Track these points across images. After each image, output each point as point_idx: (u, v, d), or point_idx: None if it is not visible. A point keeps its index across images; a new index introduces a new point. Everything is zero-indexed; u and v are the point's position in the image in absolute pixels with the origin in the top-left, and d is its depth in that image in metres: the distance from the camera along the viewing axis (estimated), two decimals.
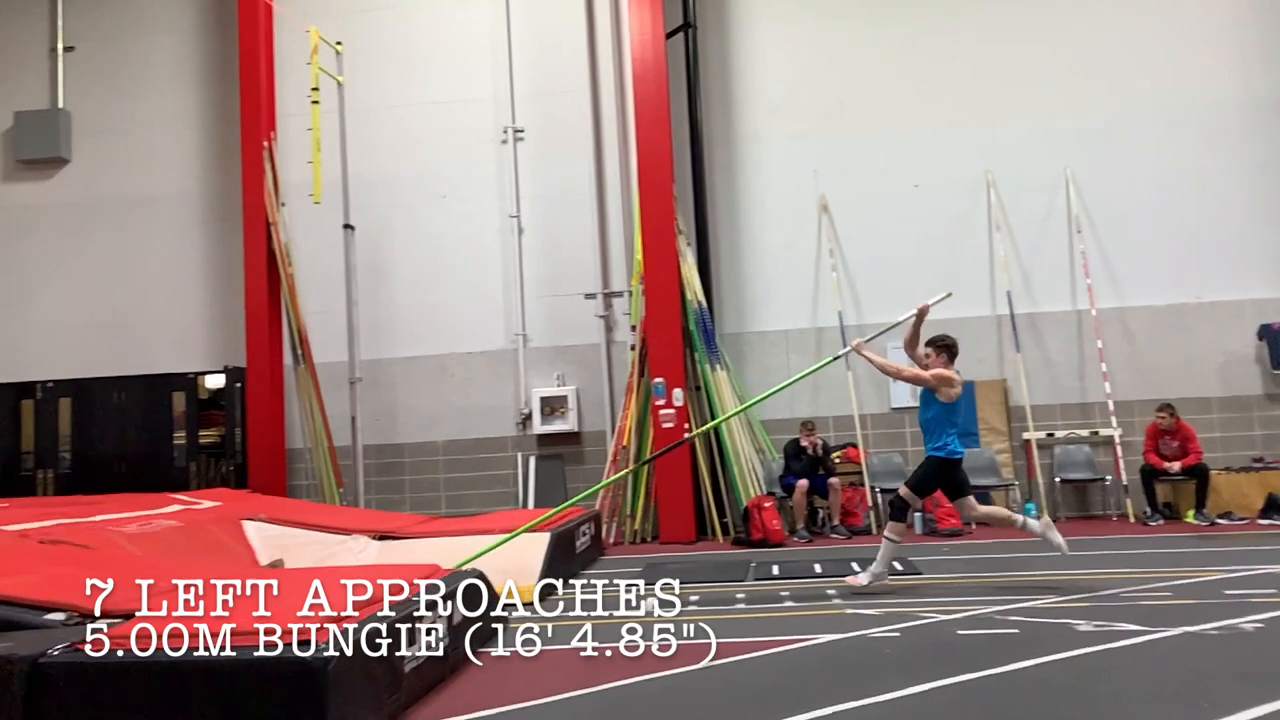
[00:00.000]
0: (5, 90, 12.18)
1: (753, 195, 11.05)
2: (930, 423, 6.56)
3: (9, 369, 11.85)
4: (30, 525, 6.07)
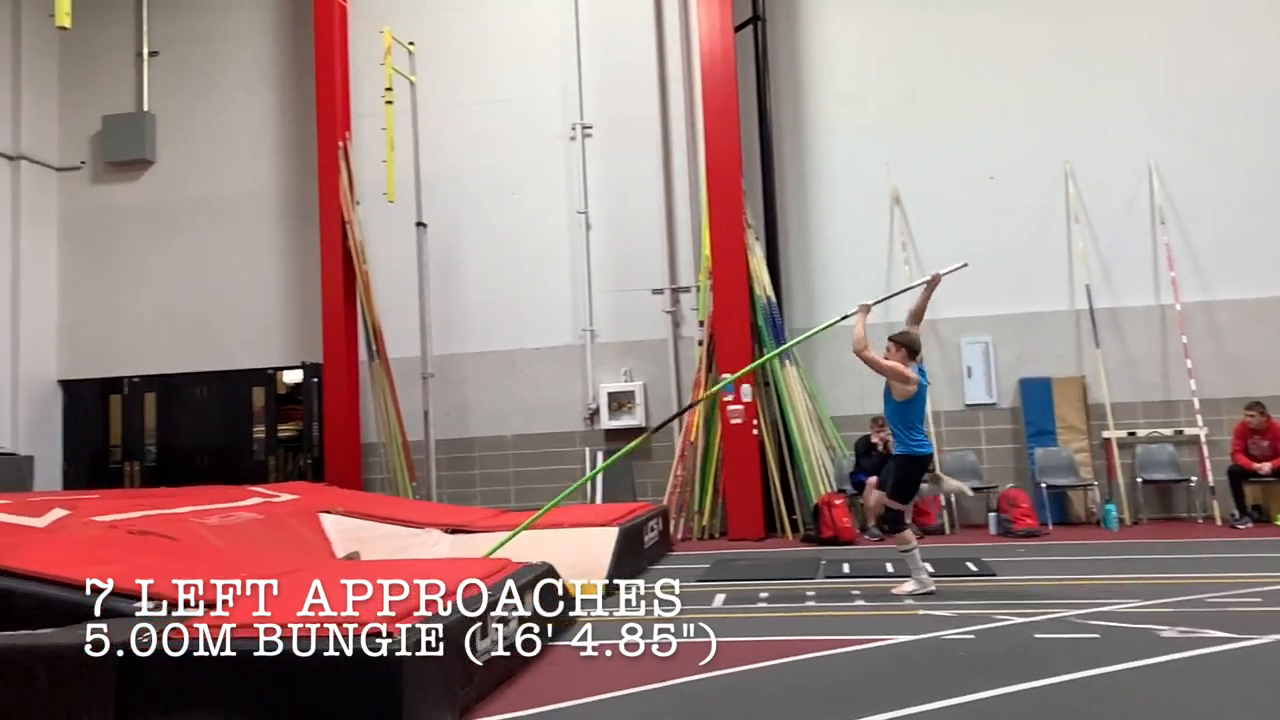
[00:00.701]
0: (94, 95, 12.63)
1: (823, 188, 10.92)
2: (889, 418, 6.48)
3: (98, 365, 12.31)
4: (119, 516, 6.29)
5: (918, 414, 6.41)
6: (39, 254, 12.26)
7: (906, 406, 6.33)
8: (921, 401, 6.40)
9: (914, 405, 6.35)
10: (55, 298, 12.47)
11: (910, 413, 6.36)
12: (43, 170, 12.43)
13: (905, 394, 6.29)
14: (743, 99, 10.53)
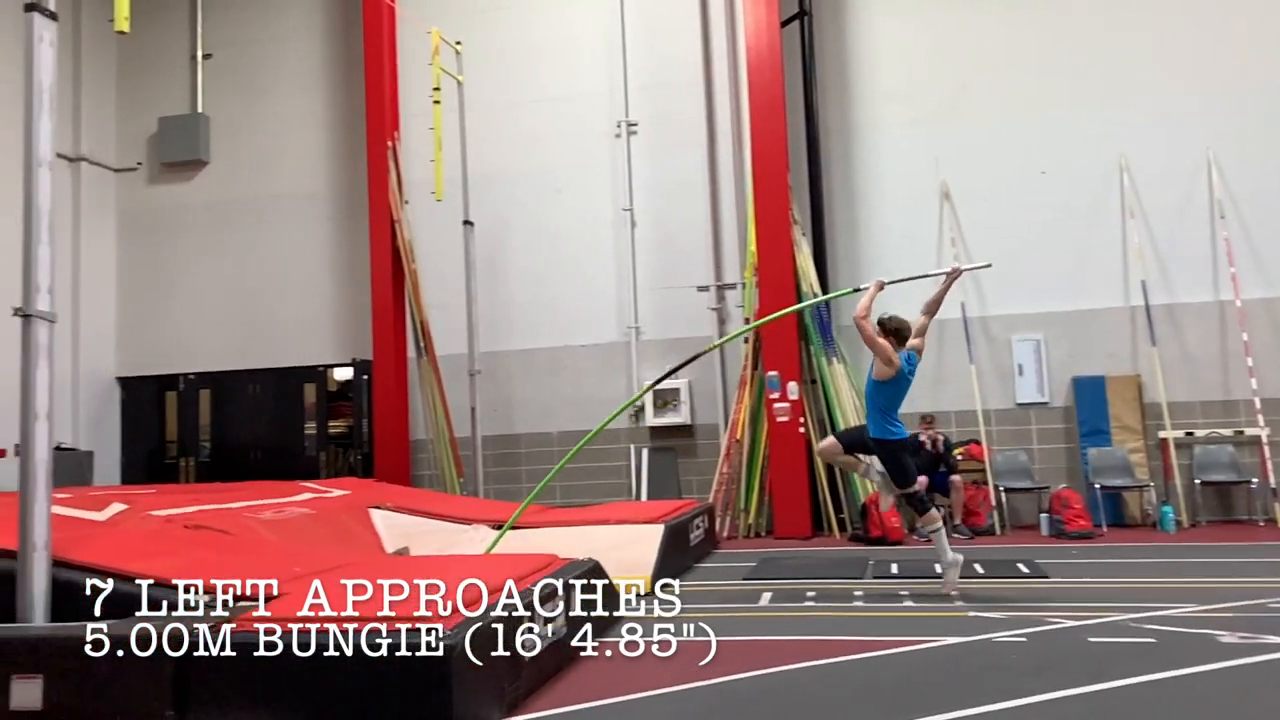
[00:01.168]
0: (150, 97, 12.90)
1: (870, 184, 10.82)
2: (866, 394, 6.50)
3: (154, 363, 12.58)
4: (175, 511, 6.42)
5: (893, 399, 6.38)
6: (98, 254, 12.56)
7: (884, 388, 6.33)
8: (900, 388, 6.39)
9: (891, 389, 6.34)
10: (113, 297, 12.77)
11: (885, 396, 6.36)
12: (101, 171, 12.72)
13: (884, 374, 6.28)
14: (789, 95, 10.47)
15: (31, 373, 4.42)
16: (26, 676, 3.66)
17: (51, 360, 4.52)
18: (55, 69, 4.72)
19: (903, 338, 6.34)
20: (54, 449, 4.52)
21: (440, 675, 3.69)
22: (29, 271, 4.51)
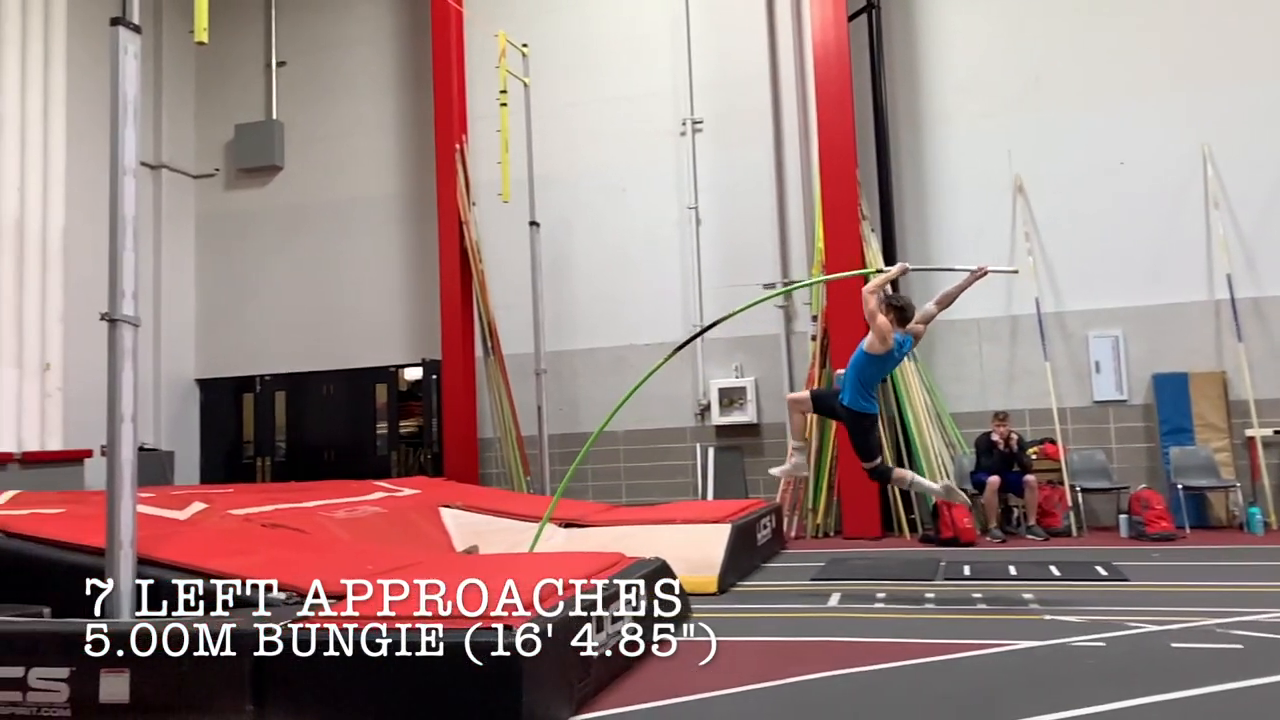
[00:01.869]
0: (227, 105, 13.26)
1: (941, 178, 10.63)
2: (850, 364, 6.46)
3: (232, 365, 12.92)
4: (252, 510, 6.59)
5: (876, 374, 6.44)
6: (178, 258, 12.95)
7: (871, 361, 6.32)
8: (885, 366, 6.46)
9: (877, 364, 6.36)
10: (192, 300, 13.15)
11: (870, 370, 6.37)
12: (181, 178, 13.11)
13: (874, 348, 6.27)
14: (857, 89, 10.33)
15: (117, 376, 4.56)
16: (115, 670, 3.78)
17: (136, 363, 4.65)
18: (139, 80, 4.86)
19: (904, 319, 6.32)
20: (138, 450, 4.65)
21: (510, 673, 3.72)
22: (115, 277, 4.64)
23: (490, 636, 3.78)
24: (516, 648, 3.74)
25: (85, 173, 11.00)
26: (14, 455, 9.90)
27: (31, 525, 5.16)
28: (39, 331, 10.36)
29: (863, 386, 6.38)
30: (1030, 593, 6.37)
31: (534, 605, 4.17)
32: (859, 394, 6.37)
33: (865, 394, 6.39)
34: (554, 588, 4.50)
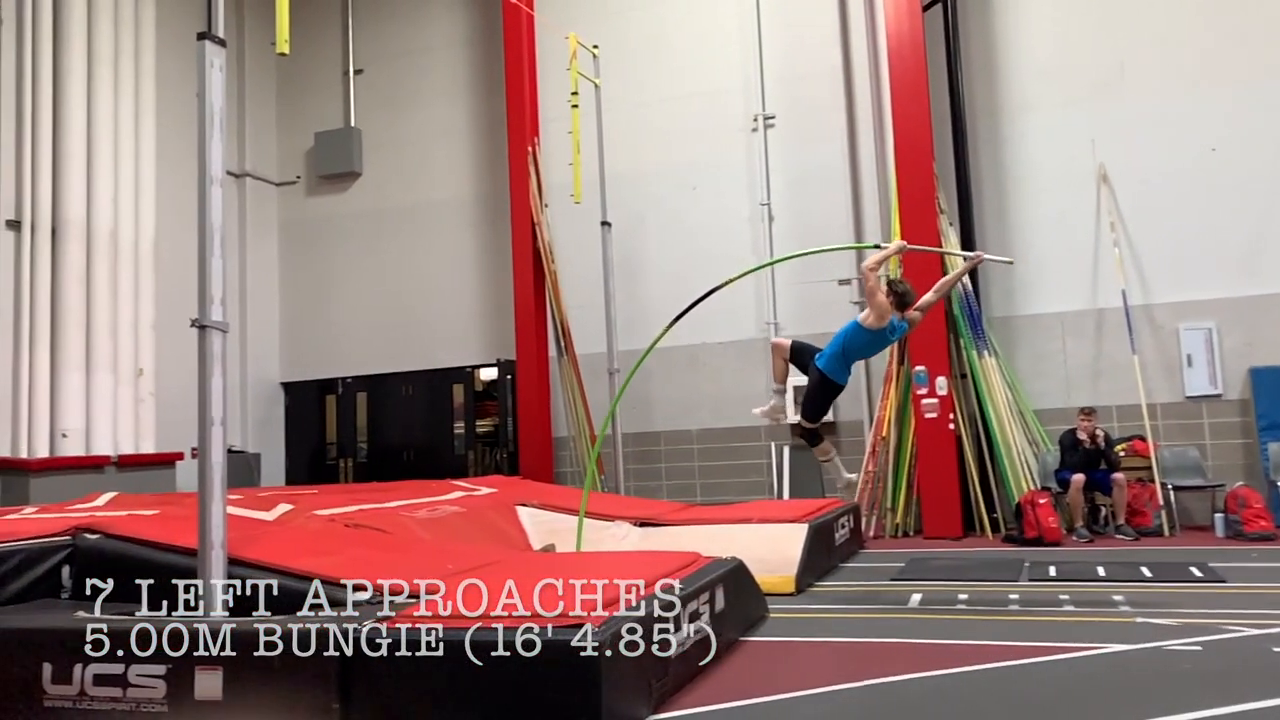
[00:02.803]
0: (307, 113, 13.59)
1: (1021, 169, 10.37)
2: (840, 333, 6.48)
3: (315, 367, 13.25)
4: (336, 510, 6.73)
5: (862, 349, 6.51)
6: (262, 265, 13.33)
7: (860, 333, 6.35)
8: (875, 344, 6.49)
9: (866, 338, 6.38)
10: (276, 305, 13.52)
11: (858, 342, 6.42)
12: (264, 186, 13.49)
13: (868, 321, 6.31)
14: (933, 79, 10.15)
15: (207, 381, 4.68)
16: (208, 668, 3.89)
17: (225, 368, 4.78)
18: (224, 92, 5.00)
19: (903, 303, 6.34)
20: (227, 452, 4.78)
21: (590, 672, 3.74)
22: (204, 284, 4.77)
23: (570, 636, 3.80)
24: (596, 647, 3.76)
25: (173, 183, 11.39)
26: (111, 458, 10.29)
27: (129, 526, 5.35)
28: (132, 337, 10.75)
29: (844, 356, 6.44)
30: (1120, 594, 6.18)
31: (613, 604, 4.19)
32: (836, 362, 6.44)
33: (843, 364, 6.47)
34: (632, 587, 4.51)
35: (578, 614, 3.93)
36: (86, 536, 5.21)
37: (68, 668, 4.06)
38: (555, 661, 3.78)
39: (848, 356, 6.47)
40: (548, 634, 3.84)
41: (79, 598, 5.00)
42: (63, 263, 10.13)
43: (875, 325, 6.28)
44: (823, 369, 6.46)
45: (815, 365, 6.51)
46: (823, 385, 6.52)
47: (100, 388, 10.31)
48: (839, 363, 6.46)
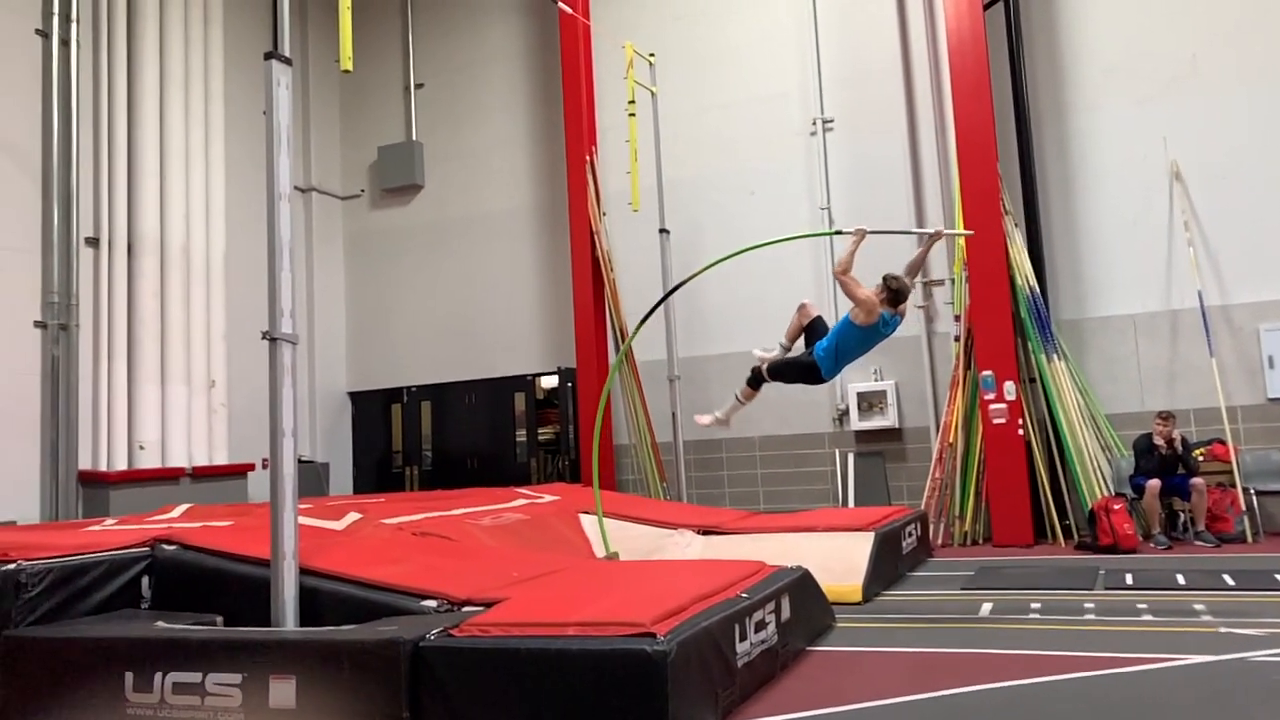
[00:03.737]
0: (371, 128, 13.83)
1: (1089, 168, 10.12)
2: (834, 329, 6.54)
3: (381, 377, 13.45)
4: (404, 519, 6.82)
5: (857, 346, 6.47)
6: (328, 277, 13.58)
7: (852, 330, 6.36)
8: (868, 339, 6.43)
9: (860, 335, 6.37)
10: (343, 316, 13.76)
11: (850, 340, 6.42)
12: (329, 200, 13.75)
13: (857, 318, 6.31)
14: (995, 79, 9.97)
15: (278, 392, 4.78)
16: (282, 677, 3.96)
17: (295, 379, 4.87)
18: (291, 109, 5.10)
19: (897, 300, 6.35)
20: (297, 462, 4.87)
21: (656, 680, 3.73)
22: (274, 297, 4.87)
23: (636, 644, 3.80)
24: (663, 656, 3.74)
25: (241, 198, 11.69)
26: (185, 470, 10.56)
27: (204, 538, 5.48)
28: (205, 350, 11.02)
29: (838, 354, 6.48)
30: (1202, 603, 5.98)
31: (679, 613, 4.18)
32: (831, 357, 6.49)
33: (834, 361, 6.51)
34: (698, 596, 4.49)
35: (645, 623, 3.92)
36: (164, 548, 5.34)
37: (149, 676, 4.16)
38: (622, 670, 3.78)
39: (840, 354, 6.50)
40: (615, 643, 3.84)
41: (159, 607, 5.14)
42: (138, 278, 10.43)
43: (865, 321, 6.29)
44: (817, 359, 6.55)
45: (809, 351, 6.62)
46: (807, 370, 6.62)
47: (175, 400, 10.57)
48: (831, 359, 6.51)
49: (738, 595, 4.75)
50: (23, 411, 9.46)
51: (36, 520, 9.35)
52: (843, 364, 6.60)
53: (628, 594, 4.64)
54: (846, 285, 6.31)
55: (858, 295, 6.25)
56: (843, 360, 6.55)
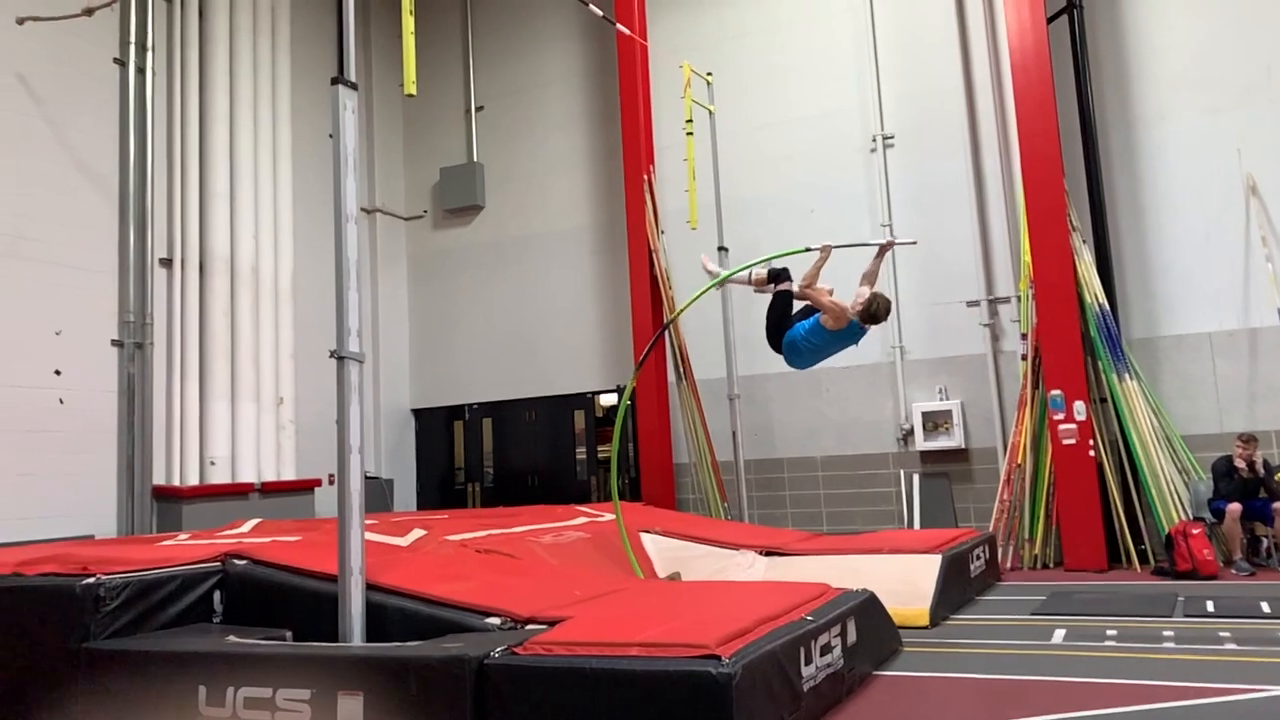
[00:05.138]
0: (433, 150, 14.05)
1: (1159, 182, 9.88)
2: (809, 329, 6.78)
3: (443, 394, 13.60)
4: (467, 535, 6.86)
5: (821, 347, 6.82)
6: (392, 296, 13.80)
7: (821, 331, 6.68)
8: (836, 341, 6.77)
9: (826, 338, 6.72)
10: (406, 334, 13.96)
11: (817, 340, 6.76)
12: (393, 220, 13.98)
13: (828, 324, 6.66)
14: (1060, 93, 9.79)
15: (346, 409, 4.84)
16: (350, 693, 3.99)
17: (362, 397, 4.93)
18: (357, 133, 5.19)
19: (874, 321, 6.66)
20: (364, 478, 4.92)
21: (721, 703, 3.69)
22: (342, 317, 4.95)
23: (701, 666, 3.77)
24: (728, 678, 3.71)
25: (308, 219, 11.96)
26: (255, 485, 10.77)
27: (274, 553, 5.56)
28: (273, 367, 11.26)
29: (805, 350, 6.82)
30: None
31: (744, 635, 4.13)
32: (796, 351, 6.86)
33: (799, 354, 6.87)
34: (763, 618, 4.44)
35: (709, 645, 3.88)
36: (235, 562, 5.44)
37: (221, 690, 4.23)
38: (687, 692, 3.75)
39: (810, 353, 6.84)
40: (679, 664, 3.81)
41: (230, 621, 5.23)
42: (210, 297, 10.70)
43: (835, 327, 6.64)
44: (785, 343, 6.90)
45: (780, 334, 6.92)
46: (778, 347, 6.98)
47: (244, 416, 10.81)
48: (799, 353, 6.88)
49: (803, 618, 4.68)
50: (101, 428, 9.74)
51: (113, 534, 9.61)
52: (808, 360, 6.99)
53: (691, 615, 4.60)
54: (811, 297, 6.67)
55: (824, 304, 6.64)
56: (810, 357, 6.92)
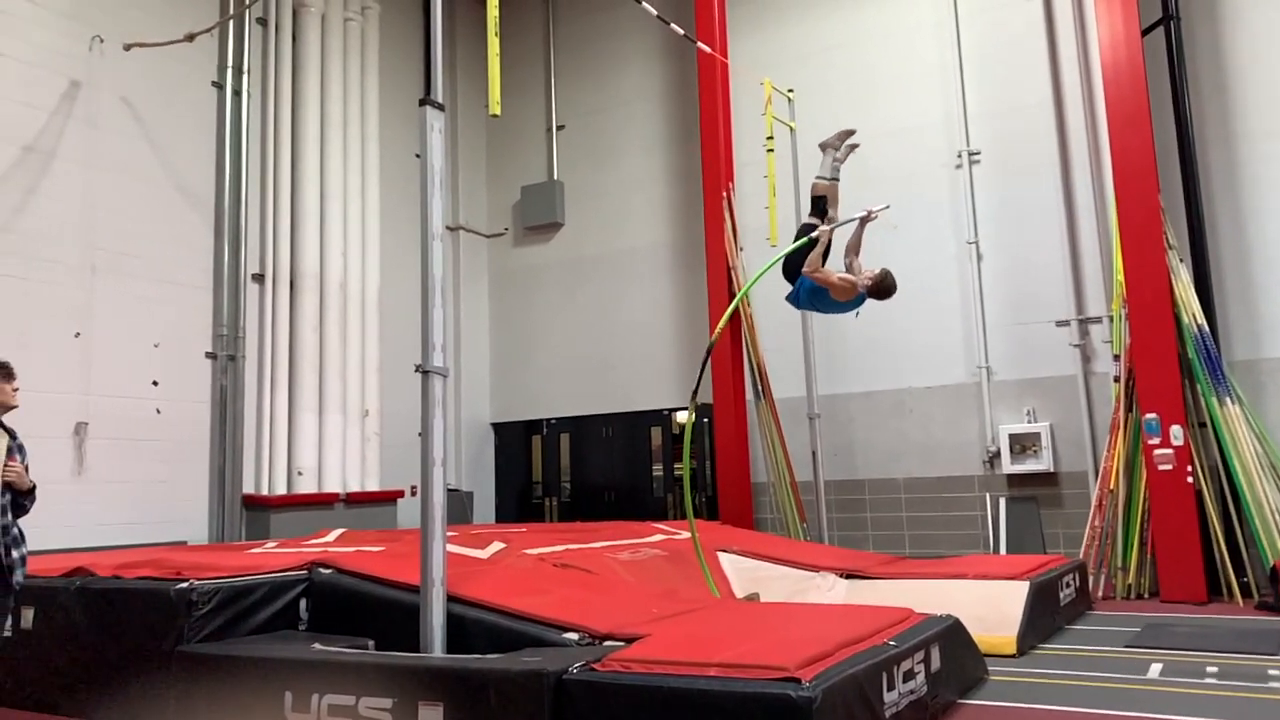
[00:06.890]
0: (516, 169, 14.26)
1: (1263, 199, 9.48)
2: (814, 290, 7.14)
3: (522, 409, 13.74)
4: (545, 550, 6.89)
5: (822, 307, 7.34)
6: (474, 311, 14.03)
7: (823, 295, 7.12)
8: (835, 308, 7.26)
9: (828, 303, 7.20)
10: (487, 349, 14.17)
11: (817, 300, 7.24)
12: (475, 238, 14.21)
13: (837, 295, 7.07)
14: (1156, 108, 9.46)
15: (430, 423, 4.92)
16: (430, 703, 4.03)
17: (445, 411, 5.01)
18: (444, 152, 5.30)
19: (882, 296, 7.07)
20: None
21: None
22: (426, 332, 5.04)
23: (781, 689, 3.72)
24: (808, 701, 3.64)
25: (393, 236, 12.25)
26: (340, 495, 11.03)
27: (358, 562, 5.66)
28: (359, 381, 11.55)
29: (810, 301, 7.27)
30: None
31: (825, 659, 4.06)
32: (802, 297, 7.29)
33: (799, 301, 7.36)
34: (844, 642, 4.36)
35: (789, 667, 3.82)
36: (321, 571, 5.55)
37: (306, 696, 4.31)
38: (765, 715, 3.71)
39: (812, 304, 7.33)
40: (759, 686, 3.76)
41: (315, 629, 5.33)
42: (299, 312, 11.04)
43: (842, 299, 7.08)
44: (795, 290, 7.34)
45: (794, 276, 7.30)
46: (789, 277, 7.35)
47: (331, 428, 11.09)
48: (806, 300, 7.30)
49: (885, 642, 4.58)
50: (194, 438, 10.09)
51: (204, 540, 9.92)
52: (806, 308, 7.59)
53: (771, 637, 4.54)
54: (819, 278, 7.04)
55: (833, 281, 7.03)
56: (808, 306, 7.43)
